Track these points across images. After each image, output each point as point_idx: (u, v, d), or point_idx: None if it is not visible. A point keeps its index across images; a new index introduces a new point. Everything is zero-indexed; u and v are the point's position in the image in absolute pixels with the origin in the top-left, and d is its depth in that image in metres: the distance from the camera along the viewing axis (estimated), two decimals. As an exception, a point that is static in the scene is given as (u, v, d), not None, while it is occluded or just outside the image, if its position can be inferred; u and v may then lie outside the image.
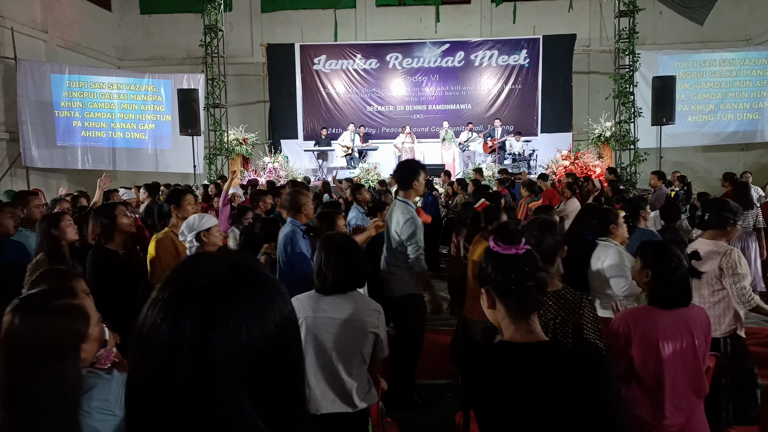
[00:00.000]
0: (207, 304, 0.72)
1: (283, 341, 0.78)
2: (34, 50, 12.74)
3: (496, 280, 1.54)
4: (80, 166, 13.11)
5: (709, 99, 13.75)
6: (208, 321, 0.71)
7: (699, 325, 2.25)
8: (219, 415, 0.70)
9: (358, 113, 14.91)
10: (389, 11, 15.77)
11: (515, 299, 1.52)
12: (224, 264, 0.78)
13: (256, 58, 15.62)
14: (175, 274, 0.78)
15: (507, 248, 1.55)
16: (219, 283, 0.75)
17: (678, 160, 13.92)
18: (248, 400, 0.72)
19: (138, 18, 15.93)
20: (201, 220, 3.37)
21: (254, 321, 0.74)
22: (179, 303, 0.73)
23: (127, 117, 13.69)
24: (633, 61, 12.60)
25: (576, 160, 12.37)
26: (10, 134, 12.18)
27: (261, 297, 0.77)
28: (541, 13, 15.28)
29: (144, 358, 0.72)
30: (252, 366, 0.73)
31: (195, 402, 0.70)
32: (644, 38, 14.07)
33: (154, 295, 0.76)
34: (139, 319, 0.75)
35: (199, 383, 0.70)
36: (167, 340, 0.71)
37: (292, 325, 0.81)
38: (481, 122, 14.24)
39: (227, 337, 0.71)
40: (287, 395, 0.78)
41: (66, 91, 12.85)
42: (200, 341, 0.70)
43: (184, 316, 0.71)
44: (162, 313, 0.73)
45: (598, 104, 13.77)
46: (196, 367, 0.70)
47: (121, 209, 3.63)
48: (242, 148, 13.71)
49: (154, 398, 0.71)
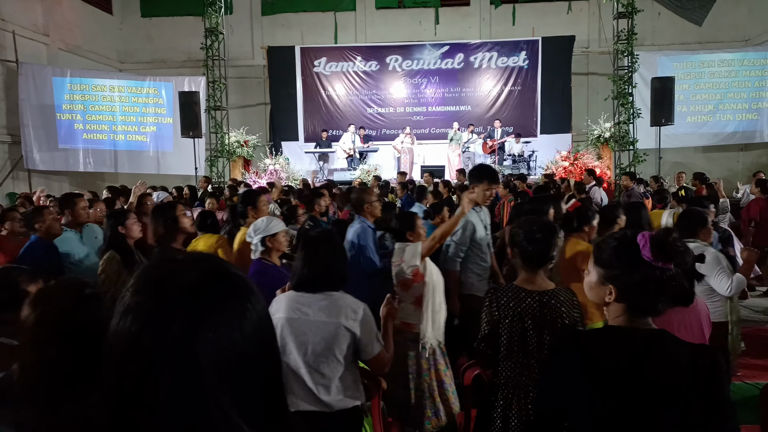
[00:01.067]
0: (186, 314, 0.71)
1: (261, 342, 0.78)
2: (36, 53, 12.79)
3: (626, 282, 1.50)
4: (82, 169, 13.16)
5: (708, 99, 13.79)
6: (188, 331, 0.70)
7: (705, 315, 2.33)
8: (204, 422, 0.70)
9: (358, 115, 14.97)
10: (389, 13, 15.82)
11: (635, 299, 1.49)
12: (197, 270, 0.77)
13: (256, 60, 15.67)
14: (146, 283, 0.76)
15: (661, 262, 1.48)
16: (196, 293, 0.74)
17: (678, 161, 13.96)
18: (233, 406, 0.72)
19: (139, 21, 15.98)
20: (269, 224, 3.25)
21: (234, 325, 0.74)
22: (157, 314, 0.71)
23: (129, 119, 13.74)
24: (632, 62, 12.63)
25: (575, 161, 12.42)
26: (12, 137, 12.23)
27: (237, 300, 0.77)
28: (540, 15, 15.33)
29: (123, 370, 0.71)
30: (234, 371, 0.73)
31: (180, 411, 0.69)
32: (643, 39, 14.11)
33: (126, 303, 0.74)
34: (112, 329, 0.73)
35: (184, 393, 0.69)
36: (148, 350, 0.70)
37: (268, 324, 0.81)
38: (481, 123, 14.29)
39: (209, 346, 0.71)
40: (269, 395, 0.79)
41: (67, 94, 12.91)
42: (183, 352, 0.70)
43: (164, 328, 0.70)
44: (139, 322, 0.71)
45: (597, 105, 13.81)
46: (181, 377, 0.69)
47: (181, 209, 3.59)
48: (243, 150, 13.75)
49: (135, 411, 0.70)
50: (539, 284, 2.32)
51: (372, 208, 4.06)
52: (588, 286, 1.59)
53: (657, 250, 1.43)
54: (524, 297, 2.27)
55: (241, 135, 13.80)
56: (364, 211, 4.04)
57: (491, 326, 2.31)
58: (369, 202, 4.06)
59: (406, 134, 13.32)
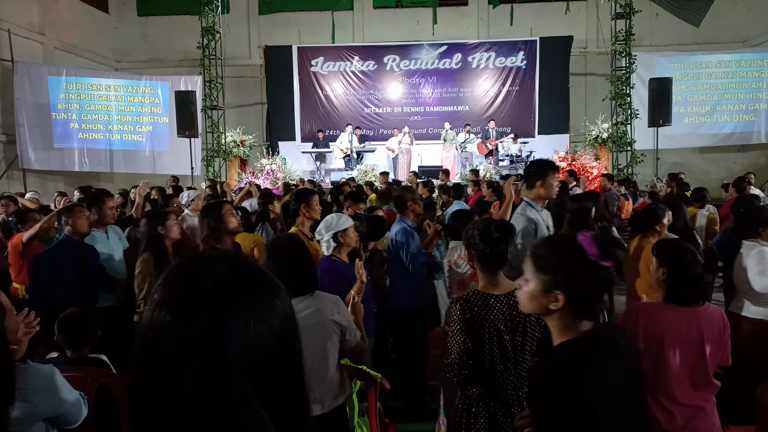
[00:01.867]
0: (216, 305, 0.74)
1: (286, 339, 0.80)
2: (32, 52, 12.71)
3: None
4: (77, 168, 13.07)
5: (706, 100, 13.79)
6: (218, 322, 0.73)
7: (711, 326, 2.24)
8: (229, 413, 0.71)
9: (355, 115, 14.93)
10: (387, 13, 15.79)
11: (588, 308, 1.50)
12: (227, 265, 0.79)
13: (253, 60, 15.62)
14: (178, 277, 0.78)
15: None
16: (225, 285, 0.76)
17: (676, 161, 13.96)
18: (257, 398, 0.73)
19: (135, 20, 15.91)
20: (339, 220, 3.28)
21: (261, 320, 0.76)
22: (188, 305, 0.74)
23: (125, 119, 13.67)
24: (629, 63, 12.63)
25: (573, 162, 12.40)
26: (7, 136, 12.15)
27: (265, 296, 0.79)
28: (538, 15, 15.32)
29: (152, 359, 0.73)
30: (259, 364, 0.75)
31: (206, 401, 0.71)
32: (641, 40, 14.10)
33: (158, 297, 0.76)
34: (143, 322, 0.76)
35: (210, 383, 0.71)
36: (177, 341, 0.72)
37: (293, 322, 0.83)
38: (479, 124, 14.26)
39: (237, 336, 0.73)
40: (291, 393, 0.80)
41: (63, 93, 12.83)
42: (211, 341, 0.72)
43: (194, 317, 0.73)
44: (170, 315, 0.73)
45: (595, 106, 13.80)
46: (208, 366, 0.71)
47: (228, 208, 3.47)
48: (240, 150, 13.69)
49: (161, 399, 0.71)
50: (503, 286, 2.25)
51: (414, 206, 4.14)
52: (528, 297, 1.52)
53: (602, 249, 1.41)
54: (493, 303, 2.19)
55: (237, 135, 13.73)
56: (406, 210, 4.10)
57: (470, 337, 2.16)
58: (411, 200, 4.13)
59: (405, 134, 13.27)
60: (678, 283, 2.28)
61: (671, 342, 2.23)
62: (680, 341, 2.22)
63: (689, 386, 2.24)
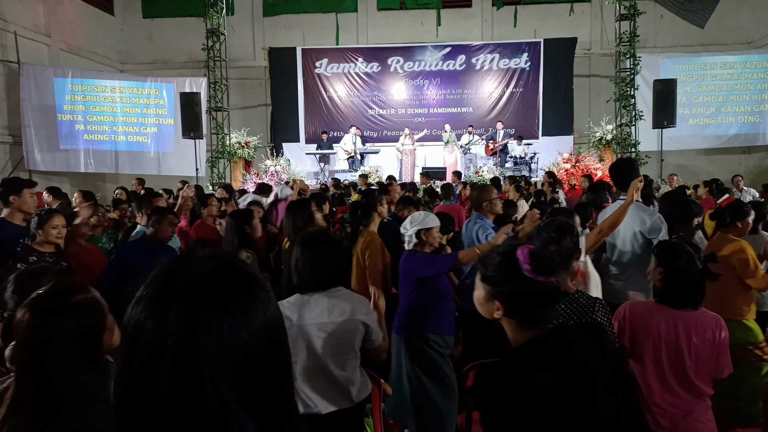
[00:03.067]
0: (190, 302, 0.73)
1: (270, 340, 0.78)
2: (38, 54, 12.78)
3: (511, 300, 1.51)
4: (83, 170, 13.13)
5: (711, 102, 13.75)
6: (191, 319, 0.72)
7: (701, 332, 2.21)
8: (204, 411, 0.71)
9: (359, 116, 14.94)
10: (390, 15, 15.81)
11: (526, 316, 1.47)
12: (210, 264, 0.79)
13: (258, 61, 15.66)
14: (159, 274, 0.78)
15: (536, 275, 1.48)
16: (201, 283, 0.76)
17: (680, 163, 13.93)
18: (236, 399, 0.73)
19: (140, 22, 15.98)
20: (426, 218, 3.28)
21: (239, 319, 0.75)
22: (163, 302, 0.74)
23: (130, 120, 13.72)
24: (634, 65, 12.61)
25: (577, 163, 12.39)
26: (13, 138, 12.22)
27: (246, 296, 0.78)
28: (542, 17, 15.30)
29: (131, 356, 0.73)
30: (239, 365, 0.74)
31: (180, 398, 0.71)
32: (645, 41, 14.08)
33: (138, 294, 0.77)
34: (125, 318, 0.76)
35: (183, 380, 0.71)
36: (152, 338, 0.72)
37: (278, 324, 0.82)
38: (483, 125, 14.26)
39: (211, 334, 0.72)
40: (276, 394, 0.79)
41: (69, 94, 12.89)
42: (184, 339, 0.71)
43: (167, 314, 0.72)
44: (145, 311, 0.74)
45: (600, 107, 13.78)
46: (181, 363, 0.71)
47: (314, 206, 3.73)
48: (244, 151, 13.72)
49: (140, 395, 0.72)
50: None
51: (492, 206, 4.07)
52: (477, 302, 1.53)
53: (536, 265, 1.42)
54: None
55: (242, 136, 13.77)
56: (483, 209, 4.05)
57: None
58: (488, 200, 4.06)
59: (406, 135, 13.28)
60: (671, 284, 2.28)
61: (658, 343, 2.22)
62: (667, 343, 2.21)
63: (676, 388, 2.22)
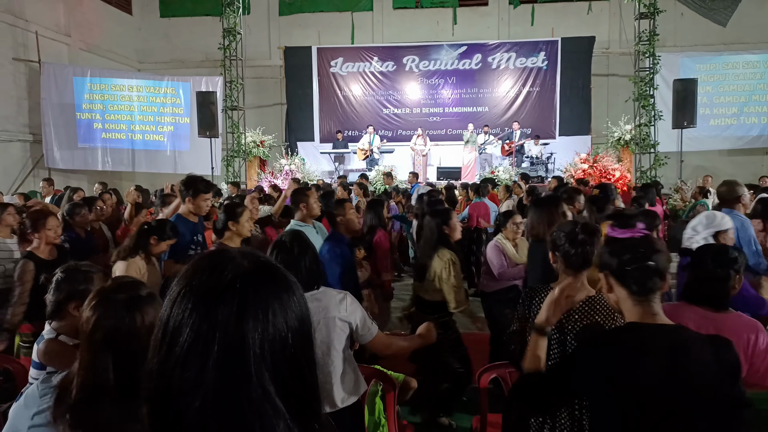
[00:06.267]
0: (238, 296, 0.76)
1: (302, 335, 0.82)
2: (57, 53, 12.97)
3: (612, 263, 1.60)
4: (100, 168, 13.30)
5: (732, 102, 13.49)
6: (239, 312, 0.75)
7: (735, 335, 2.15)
8: (248, 402, 0.73)
9: (374, 116, 14.92)
10: (406, 14, 15.76)
11: (631, 280, 1.56)
12: (247, 260, 0.81)
13: (273, 60, 15.72)
14: (200, 270, 0.80)
15: (623, 232, 1.61)
16: (246, 278, 0.78)
17: (701, 164, 13.66)
18: (275, 390, 0.75)
19: (158, 21, 16.14)
20: (722, 220, 3.15)
21: (279, 313, 0.78)
22: (210, 296, 0.76)
23: (147, 119, 13.87)
24: (653, 64, 12.39)
25: (595, 164, 12.22)
26: (33, 136, 12.42)
27: (284, 292, 0.81)
28: (559, 15, 15.14)
29: (172, 348, 0.75)
30: (278, 357, 0.76)
31: (225, 389, 0.73)
32: (665, 40, 13.84)
33: (178, 289, 0.78)
34: (164, 312, 0.78)
35: (230, 372, 0.73)
36: (198, 330, 0.74)
37: (309, 320, 0.85)
38: (498, 125, 14.15)
39: (257, 327, 0.75)
40: (305, 387, 0.81)
41: (87, 93, 13.07)
42: (232, 331, 0.74)
43: (216, 308, 0.74)
44: (192, 305, 0.75)
45: (618, 107, 13.56)
46: (228, 355, 0.73)
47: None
48: (259, 150, 13.76)
49: (182, 386, 0.73)
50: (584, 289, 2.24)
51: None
52: (606, 295, 1.67)
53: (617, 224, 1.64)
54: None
55: (257, 135, 13.80)
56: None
57: (519, 323, 2.32)
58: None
59: (418, 135, 13.20)
60: (695, 282, 2.29)
61: None
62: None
63: None
